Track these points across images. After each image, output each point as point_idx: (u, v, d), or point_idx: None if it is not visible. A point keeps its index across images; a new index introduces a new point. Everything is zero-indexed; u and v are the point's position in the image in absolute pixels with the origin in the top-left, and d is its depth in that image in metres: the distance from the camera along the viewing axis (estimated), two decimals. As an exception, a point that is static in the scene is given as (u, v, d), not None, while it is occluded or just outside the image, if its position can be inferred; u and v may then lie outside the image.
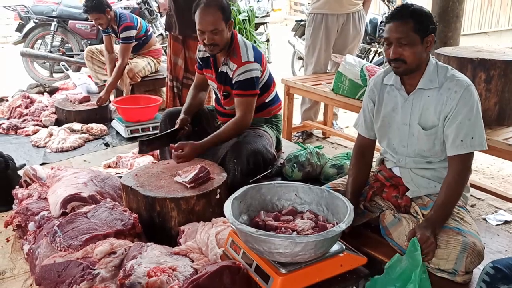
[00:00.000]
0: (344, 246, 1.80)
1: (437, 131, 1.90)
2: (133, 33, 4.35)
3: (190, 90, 2.91)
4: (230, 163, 2.49)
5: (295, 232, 1.73)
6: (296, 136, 4.41)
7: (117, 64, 4.39)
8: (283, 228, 1.75)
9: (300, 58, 6.41)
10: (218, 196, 2.28)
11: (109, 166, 3.37)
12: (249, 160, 2.45)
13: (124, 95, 4.59)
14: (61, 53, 6.05)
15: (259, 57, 2.61)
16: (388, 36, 1.85)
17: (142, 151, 2.70)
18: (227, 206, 1.76)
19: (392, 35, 1.84)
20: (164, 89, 4.48)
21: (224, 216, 1.97)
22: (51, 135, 3.93)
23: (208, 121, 2.93)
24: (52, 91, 5.13)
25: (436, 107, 1.89)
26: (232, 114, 2.69)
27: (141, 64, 4.55)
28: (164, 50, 5.44)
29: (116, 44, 4.71)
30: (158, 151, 3.07)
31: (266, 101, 2.77)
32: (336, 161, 2.66)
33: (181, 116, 2.74)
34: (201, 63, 2.83)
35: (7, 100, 4.87)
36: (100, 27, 4.40)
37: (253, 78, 2.56)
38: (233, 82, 2.58)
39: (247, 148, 2.47)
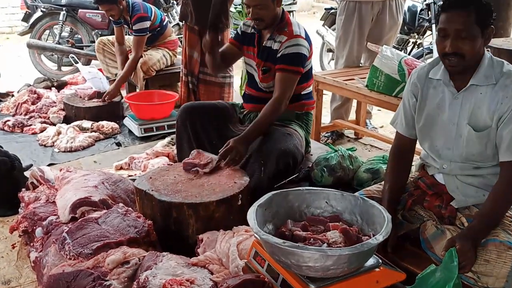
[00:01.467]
0: (380, 261, 1.78)
1: (490, 133, 1.86)
2: (147, 24, 4.39)
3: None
4: (255, 165, 2.50)
5: (325, 244, 1.71)
6: (325, 136, 4.38)
7: (130, 57, 4.45)
8: (312, 239, 1.74)
9: (330, 51, 6.38)
10: (239, 202, 2.29)
11: (121, 168, 3.42)
12: (279, 162, 2.45)
13: (137, 90, 4.64)
14: (70, 45, 6.15)
15: (309, 39, 2.69)
16: (446, 27, 1.80)
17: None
18: (251, 214, 1.76)
19: (451, 26, 1.78)
20: (179, 84, 4.52)
21: (247, 225, 1.96)
22: (59, 133, 4.00)
23: (229, 116, 2.96)
24: (60, 86, 5.23)
25: (490, 106, 1.84)
26: (263, 98, 2.71)
27: (156, 57, 4.59)
28: (181, 41, 5.48)
29: (128, 35, 4.76)
30: (176, 152, 3.10)
31: (303, 93, 2.78)
32: (370, 165, 2.64)
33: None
34: (241, 35, 2.88)
35: (12, 96, 4.98)
36: (111, 18, 4.45)
37: (301, 54, 2.61)
38: (278, 55, 2.62)
39: (277, 147, 2.48)
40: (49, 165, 3.44)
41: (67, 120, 4.31)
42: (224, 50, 2.92)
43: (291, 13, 7.47)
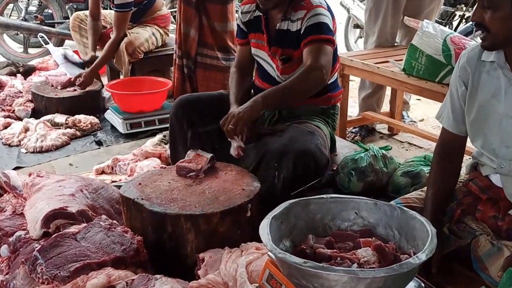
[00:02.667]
0: (423, 284, 1.78)
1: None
2: (131, -3, 4.42)
3: (232, 74, 2.94)
4: (269, 168, 2.50)
5: (356, 264, 1.72)
6: (352, 132, 4.39)
7: (111, 37, 4.47)
8: (339, 258, 1.74)
9: (357, 27, 6.38)
10: (249, 214, 2.30)
11: (103, 172, 3.45)
12: (297, 165, 2.46)
13: (121, 77, 4.67)
14: (38, 22, 6.20)
15: (331, 11, 2.69)
16: None
17: None
18: (264, 228, 1.76)
19: None
20: (172, 69, 4.54)
21: (258, 241, 1.95)
22: (26, 130, 4.04)
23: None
24: (27, 72, 5.27)
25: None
26: None
27: (144, 36, 4.62)
28: (174, 16, 5.50)
29: (110, 9, 4.78)
30: (169, 152, 3.12)
31: (328, 82, 2.77)
32: (409, 167, 2.64)
33: (233, 108, 2.68)
34: (245, 28, 2.89)
35: (-32, 84, 5.02)
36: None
37: (326, 24, 2.61)
38: (302, 30, 2.62)
39: (295, 147, 2.48)
40: (15, 168, 3.47)
41: (36, 114, 4.35)
42: (242, 60, 2.95)
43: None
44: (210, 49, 4.14)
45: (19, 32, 6.23)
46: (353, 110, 4.69)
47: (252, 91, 2.99)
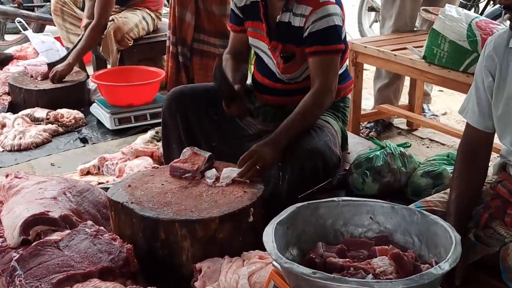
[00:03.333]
0: (446, 297, 1.78)
1: None
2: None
3: (225, 60, 2.93)
4: (272, 169, 2.52)
5: (371, 275, 1.72)
6: (366, 127, 4.39)
7: (91, 24, 4.44)
8: (352, 268, 1.74)
9: (372, 9, 6.37)
10: (251, 219, 2.30)
11: (88, 173, 3.45)
12: (304, 165, 2.47)
13: (108, 66, 4.68)
14: (16, 5, 6.19)
15: (339, 1, 2.68)
16: None
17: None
18: (269, 235, 1.76)
19: None
20: (166, 57, 4.54)
21: (261, 249, 1.96)
22: (3, 126, 4.05)
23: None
24: (3, 61, 5.26)
25: None
26: (287, 90, 2.73)
27: (133, 21, 4.62)
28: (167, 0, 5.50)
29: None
30: (162, 150, 3.12)
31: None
32: (430, 166, 2.64)
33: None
34: (240, 14, 2.87)
35: None
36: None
37: (336, 27, 2.61)
38: (306, 35, 2.62)
39: (302, 146, 2.49)
40: (-9, 169, 3.48)
41: (13, 108, 4.36)
42: (234, 47, 2.95)
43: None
44: (208, 35, 4.14)
45: (-6, 17, 6.24)
46: (367, 102, 4.68)
47: (252, 84, 3.00)
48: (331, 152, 2.59)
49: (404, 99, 4.55)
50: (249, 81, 3.08)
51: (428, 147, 4.19)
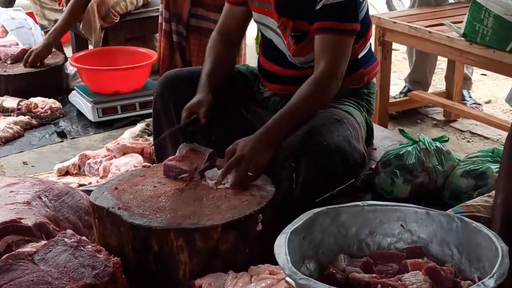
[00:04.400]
0: (491, 320, 1.77)
1: None
2: None
3: (212, 40, 2.92)
4: (284, 169, 2.51)
5: (402, 293, 1.72)
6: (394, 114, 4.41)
7: None
8: (380, 285, 1.74)
9: (401, -22, 6.35)
10: (260, 227, 2.30)
11: (67, 173, 3.46)
12: (321, 164, 2.45)
13: (90, 47, 4.68)
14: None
15: None
16: None
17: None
18: (281, 246, 1.77)
19: None
20: (158, 36, 4.54)
21: (272, 263, 1.96)
22: (-33, 118, 4.06)
23: (240, 92, 2.96)
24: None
25: None
26: (299, 77, 2.69)
27: (119, -7, 4.62)
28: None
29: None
30: (153, 147, 3.13)
31: (360, 56, 2.78)
32: (472, 164, 2.63)
33: (198, 96, 2.70)
34: None
35: None
36: None
37: (354, 2, 2.59)
38: (318, 7, 2.59)
39: (317, 142, 2.47)
40: (-47, 169, 3.49)
41: (-22, 96, 4.37)
42: (227, 22, 2.92)
43: None
44: (207, 9, 4.13)
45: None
46: (397, 89, 4.68)
47: (258, 70, 2.99)
48: (352, 149, 2.56)
49: (440, 84, 4.54)
50: (252, 64, 3.08)
51: (469, 141, 4.19)
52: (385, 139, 3.07)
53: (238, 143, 2.48)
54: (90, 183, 3.29)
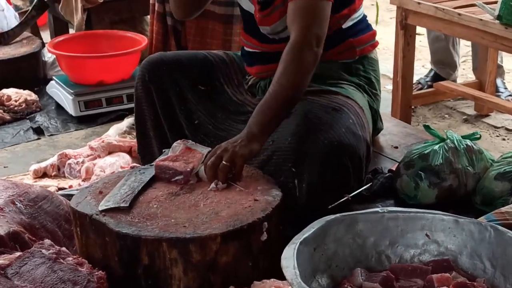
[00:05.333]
0: None
1: None
2: None
3: None
4: (283, 174, 2.51)
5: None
6: (419, 83, 4.42)
7: None
8: (402, 303, 1.75)
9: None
10: (265, 237, 2.30)
11: (45, 175, 3.47)
12: (325, 167, 2.45)
13: (71, 31, 4.68)
14: None
15: None
16: None
17: None
18: (289, 258, 1.77)
19: None
20: (149, 19, 4.54)
21: (279, 277, 1.97)
22: None
23: (233, 80, 3.00)
24: None
25: None
26: (275, 54, 2.68)
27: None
28: None
29: None
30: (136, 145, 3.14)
31: (344, 26, 2.78)
32: (508, 165, 2.63)
33: None
34: None
35: None
36: None
37: None
38: None
39: (316, 141, 2.47)
40: None
41: None
42: None
43: None
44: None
45: None
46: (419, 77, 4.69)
47: (242, 56, 3.01)
48: (357, 140, 2.55)
49: (471, 74, 4.53)
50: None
51: (504, 139, 4.18)
52: (408, 136, 3.08)
53: (221, 145, 2.50)
54: (70, 186, 3.29)
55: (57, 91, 4.19)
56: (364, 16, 2.91)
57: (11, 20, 4.67)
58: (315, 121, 2.54)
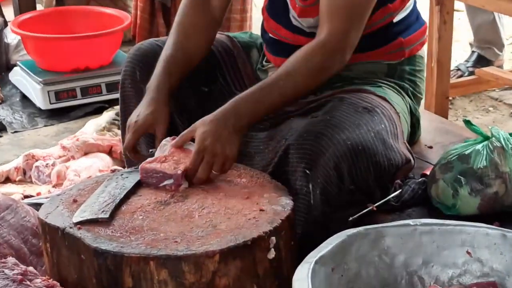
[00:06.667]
0: None
1: None
2: None
3: (182, 9, 2.92)
4: (295, 177, 2.52)
5: None
6: (458, 69, 4.43)
7: None
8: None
9: None
10: (273, 255, 2.29)
11: (8, 180, 3.48)
12: (342, 171, 2.44)
13: (40, 7, 4.69)
14: None
15: None
16: None
17: None
18: (302, 280, 1.77)
19: None
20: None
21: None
22: None
23: (238, 67, 3.01)
24: None
25: None
26: None
27: None
28: None
29: None
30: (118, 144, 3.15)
31: (395, 20, 2.79)
32: None
33: (151, 107, 2.72)
34: None
35: None
36: None
37: None
38: None
39: (339, 140, 2.47)
40: None
41: None
42: None
43: None
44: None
45: None
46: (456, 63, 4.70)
47: (262, 39, 3.02)
48: (388, 149, 2.55)
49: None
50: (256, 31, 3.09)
51: (562, 137, 4.19)
52: (445, 133, 3.07)
53: (196, 128, 2.52)
54: (39, 193, 3.29)
55: (23, 79, 4.20)
56: (415, 3, 2.92)
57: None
58: (339, 119, 2.53)
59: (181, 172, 2.52)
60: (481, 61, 4.55)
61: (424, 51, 2.96)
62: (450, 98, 4.28)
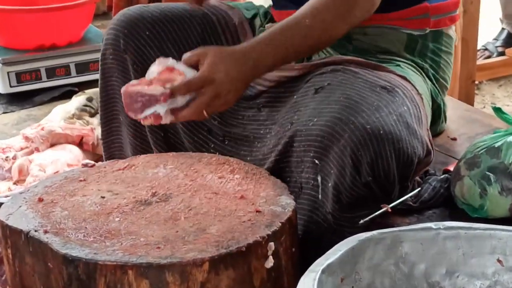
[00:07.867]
0: None
1: None
2: None
3: None
4: (302, 168, 2.53)
5: None
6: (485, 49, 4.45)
7: None
8: None
9: None
10: (271, 263, 2.30)
11: (-37, 175, 3.48)
12: (361, 161, 2.42)
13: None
14: None
15: None
16: None
17: None
18: (306, 292, 1.78)
19: None
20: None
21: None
22: None
23: (235, 37, 3.04)
24: None
25: None
26: None
27: None
28: None
29: None
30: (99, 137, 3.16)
31: None
32: None
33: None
34: None
35: None
36: None
37: None
38: None
39: (357, 124, 2.44)
40: None
41: None
42: None
43: None
44: None
45: None
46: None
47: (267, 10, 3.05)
48: (411, 135, 2.52)
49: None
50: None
51: None
52: (471, 123, 3.08)
53: (207, 54, 2.51)
54: (-2, 192, 3.31)
55: (-21, 59, 4.21)
56: None
57: None
58: (355, 99, 2.50)
59: (169, 92, 2.47)
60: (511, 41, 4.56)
61: (453, 30, 2.95)
62: (477, 82, 4.29)
